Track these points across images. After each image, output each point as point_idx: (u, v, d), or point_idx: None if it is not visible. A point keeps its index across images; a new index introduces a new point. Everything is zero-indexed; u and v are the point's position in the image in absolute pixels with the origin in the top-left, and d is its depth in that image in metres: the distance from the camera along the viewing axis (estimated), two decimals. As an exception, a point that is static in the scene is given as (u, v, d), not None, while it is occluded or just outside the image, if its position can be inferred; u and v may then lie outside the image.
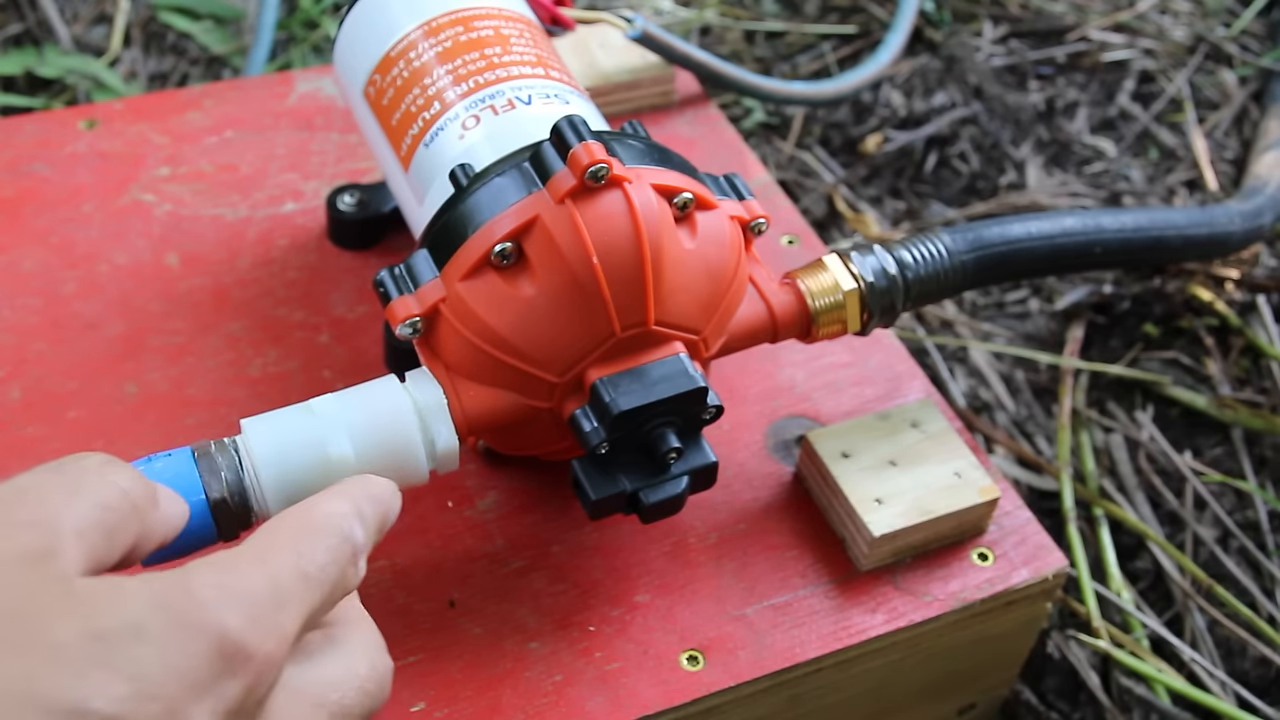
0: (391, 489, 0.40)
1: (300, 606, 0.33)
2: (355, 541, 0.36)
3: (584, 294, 0.43)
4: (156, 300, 0.58)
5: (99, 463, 0.35)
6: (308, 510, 0.37)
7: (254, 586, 0.32)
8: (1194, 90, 0.94)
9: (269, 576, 0.33)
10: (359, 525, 0.37)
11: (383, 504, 0.39)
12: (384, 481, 0.40)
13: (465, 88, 0.50)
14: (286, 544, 0.35)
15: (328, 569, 0.35)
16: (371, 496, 0.39)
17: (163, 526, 0.37)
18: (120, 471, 0.35)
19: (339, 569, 0.35)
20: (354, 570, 0.36)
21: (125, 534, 0.34)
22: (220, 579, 0.32)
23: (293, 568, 0.34)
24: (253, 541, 0.35)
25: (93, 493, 0.34)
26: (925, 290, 0.53)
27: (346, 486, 0.39)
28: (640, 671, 0.48)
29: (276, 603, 0.33)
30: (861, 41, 0.96)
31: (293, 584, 0.33)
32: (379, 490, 0.40)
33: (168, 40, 0.92)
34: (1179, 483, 0.71)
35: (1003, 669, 0.58)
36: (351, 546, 0.36)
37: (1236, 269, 0.79)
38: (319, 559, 0.35)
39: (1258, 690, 0.63)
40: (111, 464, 0.35)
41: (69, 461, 0.35)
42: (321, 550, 0.35)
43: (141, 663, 0.29)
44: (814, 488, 0.53)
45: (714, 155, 0.68)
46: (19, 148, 0.64)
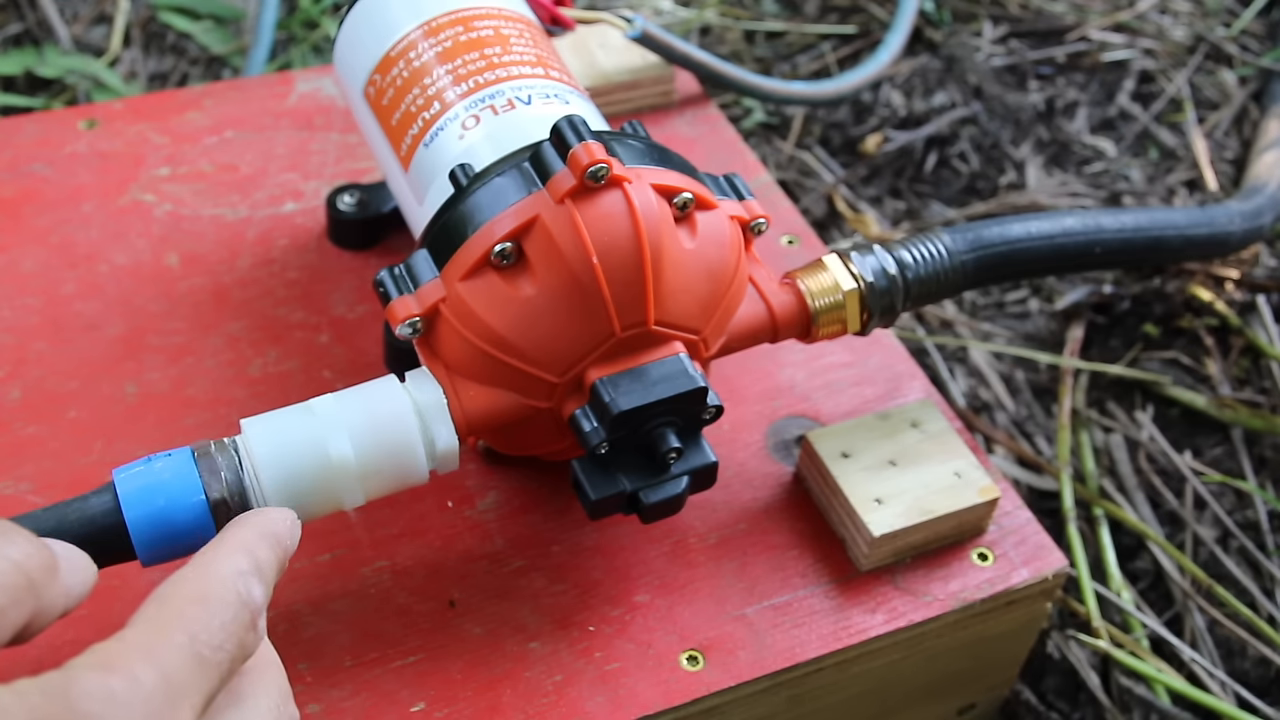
0: (290, 520, 0.38)
1: (196, 696, 0.31)
2: (253, 604, 0.34)
3: (584, 294, 0.43)
4: (156, 300, 0.58)
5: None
6: (200, 576, 0.33)
7: (141, 689, 0.29)
8: (1194, 90, 0.94)
9: (159, 673, 0.30)
10: (257, 582, 0.34)
11: (281, 541, 0.37)
12: (280, 514, 0.38)
13: (465, 88, 0.50)
14: (178, 625, 0.31)
15: (224, 647, 0.32)
16: (268, 536, 0.36)
17: (62, 599, 0.33)
18: (14, 542, 0.32)
19: (237, 642, 0.33)
20: (254, 636, 0.34)
21: (17, 612, 0.31)
22: (104, 685, 0.29)
23: (186, 655, 0.31)
24: (140, 624, 0.31)
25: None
26: (925, 290, 0.53)
27: (241, 531, 0.36)
28: (640, 671, 0.48)
29: (169, 702, 0.30)
30: (861, 41, 0.96)
31: (187, 674, 0.31)
32: (276, 527, 0.37)
33: (168, 40, 0.92)
34: (1179, 483, 0.71)
35: (1003, 669, 0.58)
36: (250, 611, 0.33)
37: (1236, 269, 0.79)
38: (215, 638, 0.32)
39: (1258, 690, 0.63)
40: (5, 533, 0.32)
41: None
42: (217, 626, 0.32)
43: None
44: (814, 488, 0.53)
45: (714, 155, 0.68)
46: (19, 148, 0.64)
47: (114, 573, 0.41)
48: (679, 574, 0.51)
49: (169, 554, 0.41)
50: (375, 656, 0.47)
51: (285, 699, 0.35)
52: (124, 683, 0.29)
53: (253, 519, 0.37)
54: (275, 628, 0.40)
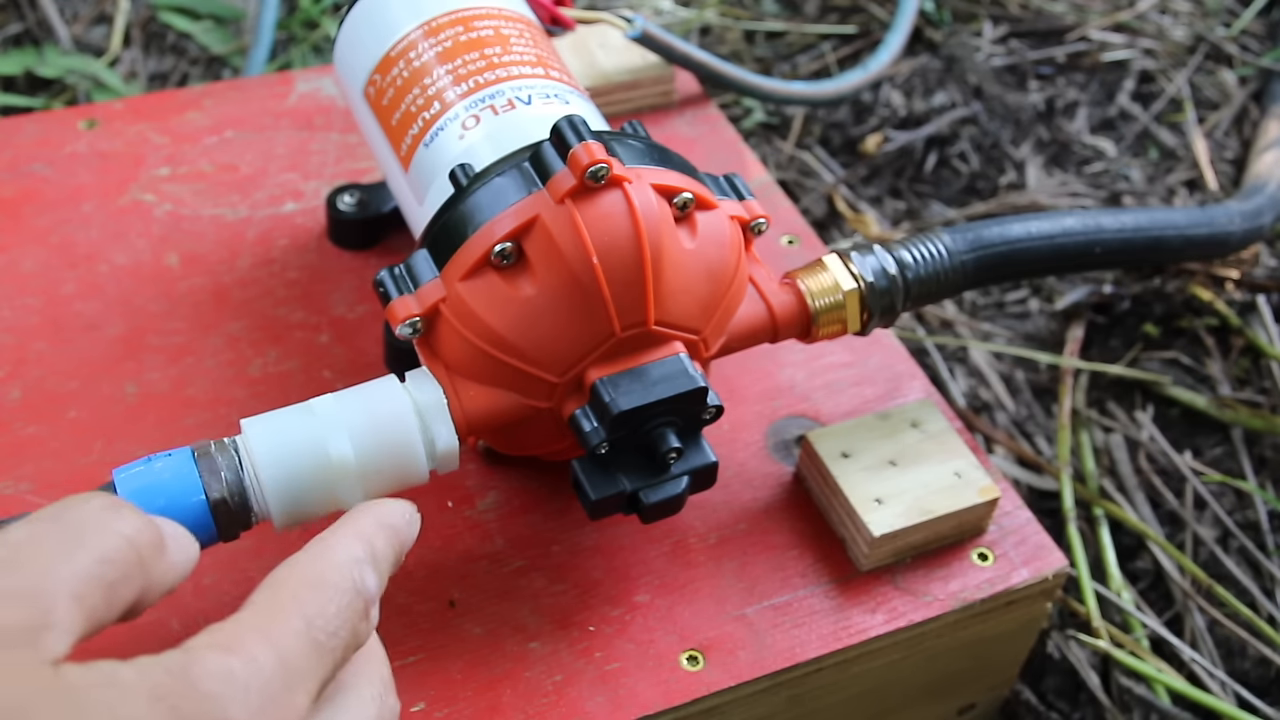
0: (409, 513, 0.38)
1: (311, 681, 0.31)
2: (368, 593, 0.34)
3: (584, 294, 0.43)
4: (156, 300, 0.58)
5: (100, 508, 0.32)
6: (316, 561, 0.34)
7: (260, 671, 0.30)
8: (1194, 90, 0.94)
9: (277, 655, 0.30)
10: (371, 571, 0.34)
11: (399, 534, 0.37)
12: (400, 505, 0.38)
13: (465, 88, 0.50)
14: (294, 609, 0.32)
15: (339, 634, 0.32)
16: (387, 527, 0.36)
17: (170, 575, 0.34)
18: (124, 517, 0.32)
19: (351, 629, 0.33)
20: (366, 625, 0.34)
21: (128, 589, 0.31)
22: (224, 665, 0.29)
23: (302, 639, 0.31)
24: (257, 606, 0.32)
25: (94, 546, 0.30)
26: (925, 290, 0.53)
27: (360, 520, 0.36)
28: (640, 671, 0.48)
29: (288, 686, 0.30)
30: (861, 41, 0.96)
31: (303, 659, 0.31)
32: (395, 518, 0.37)
33: (168, 40, 0.92)
34: (1179, 483, 0.71)
35: (1003, 669, 0.58)
36: (364, 600, 0.34)
37: (1236, 269, 0.79)
38: (330, 624, 0.32)
39: (1258, 690, 0.63)
40: (115, 509, 0.32)
41: (68, 508, 0.32)
42: (333, 612, 0.32)
43: None
44: (814, 488, 0.53)
45: (714, 155, 0.68)
46: (19, 148, 0.64)
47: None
48: (679, 574, 0.51)
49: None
50: (375, 656, 0.47)
51: (387, 689, 0.35)
52: (243, 663, 0.29)
53: (372, 508, 0.37)
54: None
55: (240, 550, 0.48)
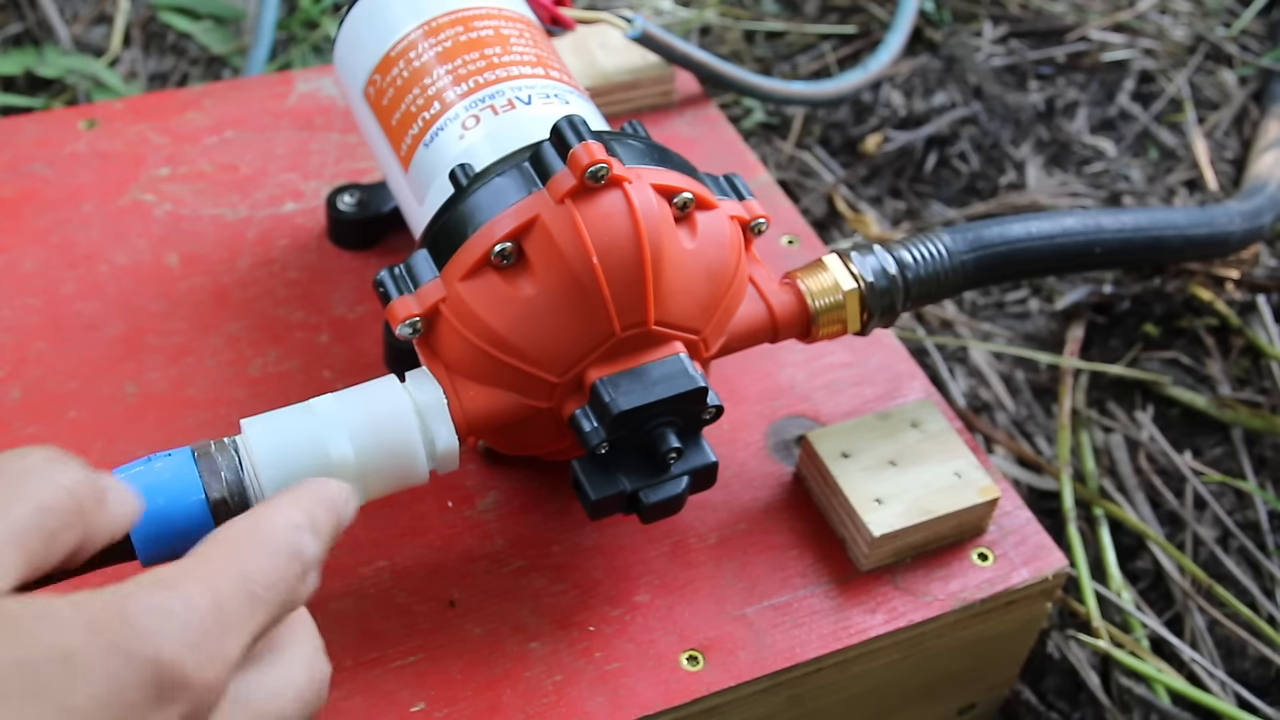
0: (346, 492, 0.39)
1: (244, 629, 0.32)
2: (305, 556, 0.35)
3: (584, 294, 0.43)
4: (156, 300, 0.58)
5: (42, 459, 0.33)
6: (257, 521, 0.35)
7: (195, 610, 0.31)
8: (1194, 90, 0.94)
9: (213, 599, 0.31)
10: (311, 537, 0.35)
11: (336, 509, 0.38)
12: (337, 484, 0.39)
13: (465, 88, 0.50)
14: (232, 561, 0.33)
15: (275, 588, 0.33)
16: (325, 501, 0.37)
17: (109, 527, 0.35)
18: (65, 469, 0.33)
19: (287, 587, 0.34)
20: (303, 586, 0.35)
21: (67, 537, 0.33)
22: (159, 602, 0.30)
23: (238, 588, 0.32)
24: (197, 555, 0.33)
25: (34, 495, 0.32)
26: (925, 290, 0.53)
27: (299, 493, 0.37)
28: (640, 671, 0.48)
29: (219, 627, 0.31)
30: (861, 41, 0.96)
31: (237, 606, 0.32)
32: (333, 494, 0.38)
33: (168, 40, 0.92)
34: (1179, 483, 0.71)
35: (1003, 669, 0.58)
36: (301, 563, 0.35)
37: (1236, 269, 0.79)
38: (267, 578, 0.33)
39: (1258, 690, 0.63)
40: (56, 461, 0.33)
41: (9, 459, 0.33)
42: (269, 568, 0.33)
43: (69, 693, 0.28)
44: (814, 488, 0.53)
45: (714, 155, 0.68)
46: (19, 148, 0.64)
47: (113, 573, 0.41)
48: (679, 574, 0.51)
49: (169, 554, 0.41)
50: (375, 656, 0.47)
51: (318, 653, 0.36)
52: (180, 601, 0.30)
53: (309, 484, 0.38)
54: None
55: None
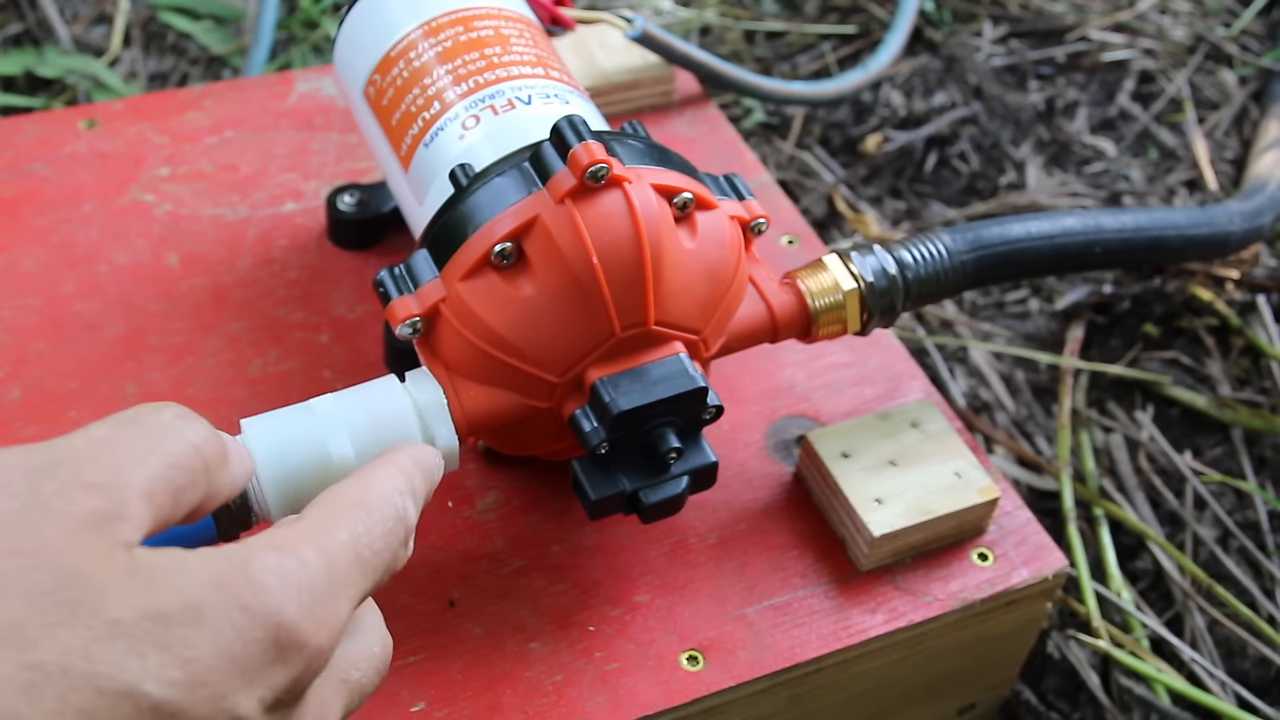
0: (438, 457, 0.41)
1: (354, 592, 0.33)
2: (408, 522, 0.36)
3: (584, 294, 0.43)
4: (156, 300, 0.58)
5: (174, 416, 0.34)
6: (365, 486, 0.36)
7: (313, 573, 0.32)
8: (1194, 90, 0.94)
9: (327, 562, 0.32)
10: (412, 503, 0.37)
11: (430, 475, 0.39)
12: (432, 451, 0.41)
13: (465, 88, 0.50)
14: (344, 524, 0.34)
15: (382, 554, 0.35)
16: (423, 467, 0.39)
17: (230, 485, 0.36)
18: (194, 426, 0.34)
19: (391, 552, 0.35)
20: (404, 551, 0.36)
21: (193, 493, 0.33)
22: (280, 562, 0.31)
23: (349, 552, 0.34)
24: (308, 518, 0.34)
25: (166, 450, 0.33)
26: (925, 290, 0.53)
27: (399, 457, 0.39)
28: (640, 671, 0.48)
29: (332, 591, 0.32)
30: (861, 41, 0.96)
31: (348, 569, 0.33)
32: (429, 460, 0.40)
33: (168, 40, 0.92)
34: (1179, 483, 0.71)
35: (1003, 669, 0.58)
36: (405, 528, 0.36)
37: (1236, 269, 0.79)
38: (376, 543, 0.35)
39: (1258, 690, 0.63)
40: (186, 418, 0.34)
41: (144, 414, 0.34)
42: (379, 533, 0.35)
43: (197, 646, 0.29)
44: (814, 488, 0.53)
45: (714, 155, 0.68)
46: (19, 148, 0.64)
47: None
48: (679, 574, 0.51)
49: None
50: (375, 656, 0.47)
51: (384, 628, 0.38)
52: (295, 563, 0.32)
53: (409, 448, 0.40)
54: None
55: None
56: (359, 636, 0.36)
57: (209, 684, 0.29)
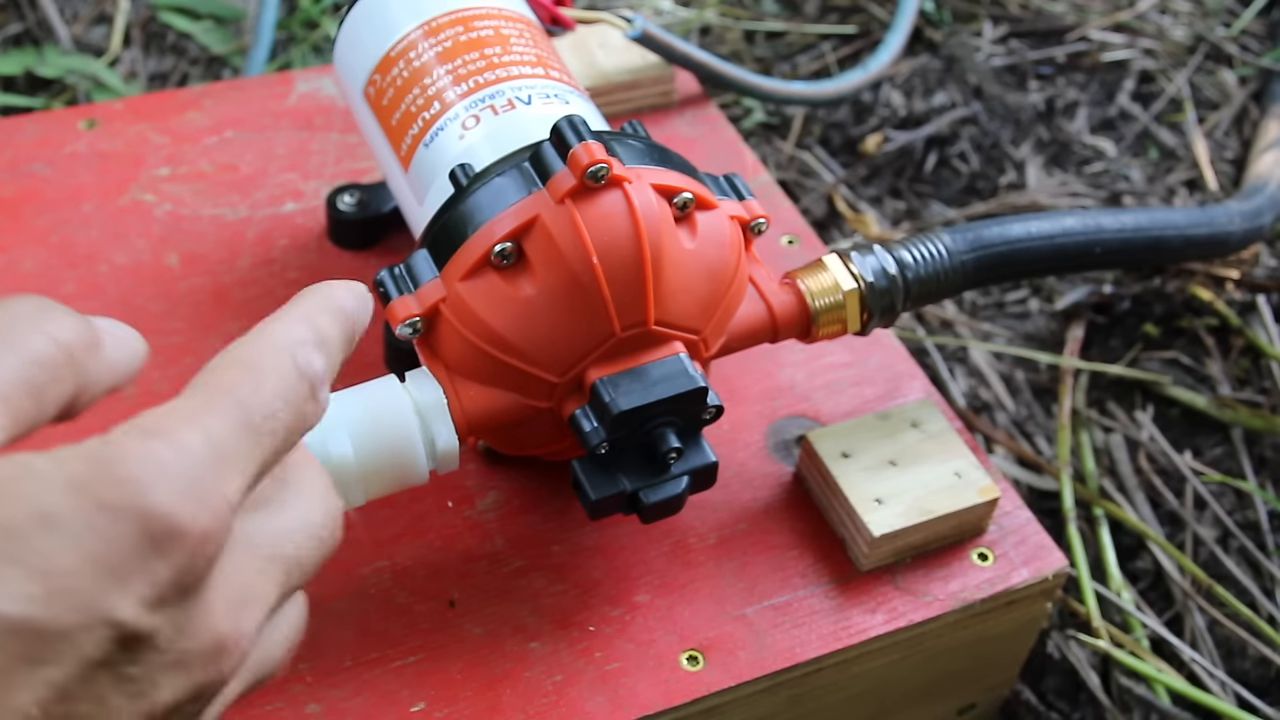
0: (359, 291, 0.36)
1: (245, 465, 0.30)
2: (312, 373, 0.33)
3: (584, 294, 0.43)
4: (156, 300, 0.58)
5: (31, 309, 0.31)
6: (253, 344, 0.33)
7: (188, 453, 0.29)
8: (1194, 90, 0.94)
9: (206, 438, 0.29)
10: (316, 352, 0.33)
11: (347, 314, 0.35)
12: (349, 286, 0.36)
13: (465, 88, 0.50)
14: (227, 392, 0.31)
15: (278, 415, 0.31)
16: (334, 309, 0.35)
17: (108, 375, 0.32)
18: (55, 318, 0.31)
19: (292, 411, 0.32)
20: (313, 406, 0.33)
21: (59, 389, 0.31)
22: (147, 449, 0.28)
23: (236, 421, 0.30)
24: (190, 390, 0.31)
25: (20, 348, 0.30)
26: (925, 290, 0.53)
27: (303, 302, 0.35)
28: (640, 671, 0.48)
29: (215, 468, 0.29)
30: (861, 41, 0.96)
31: (235, 442, 0.30)
32: (342, 298, 0.36)
33: (168, 40, 0.92)
34: (1179, 483, 0.71)
35: (1003, 669, 0.58)
36: (308, 381, 0.32)
37: (1236, 269, 0.79)
38: (267, 405, 0.31)
39: (1258, 690, 0.63)
40: (46, 310, 0.31)
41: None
42: (269, 394, 0.31)
43: (52, 555, 0.26)
44: (814, 488, 0.53)
45: (714, 155, 0.68)
46: (19, 148, 0.64)
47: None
48: (679, 574, 0.51)
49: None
50: (375, 656, 0.47)
51: (330, 490, 0.35)
52: (168, 448, 0.29)
53: (317, 290, 0.36)
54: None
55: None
56: (291, 505, 0.33)
57: (74, 592, 0.26)
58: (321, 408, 0.33)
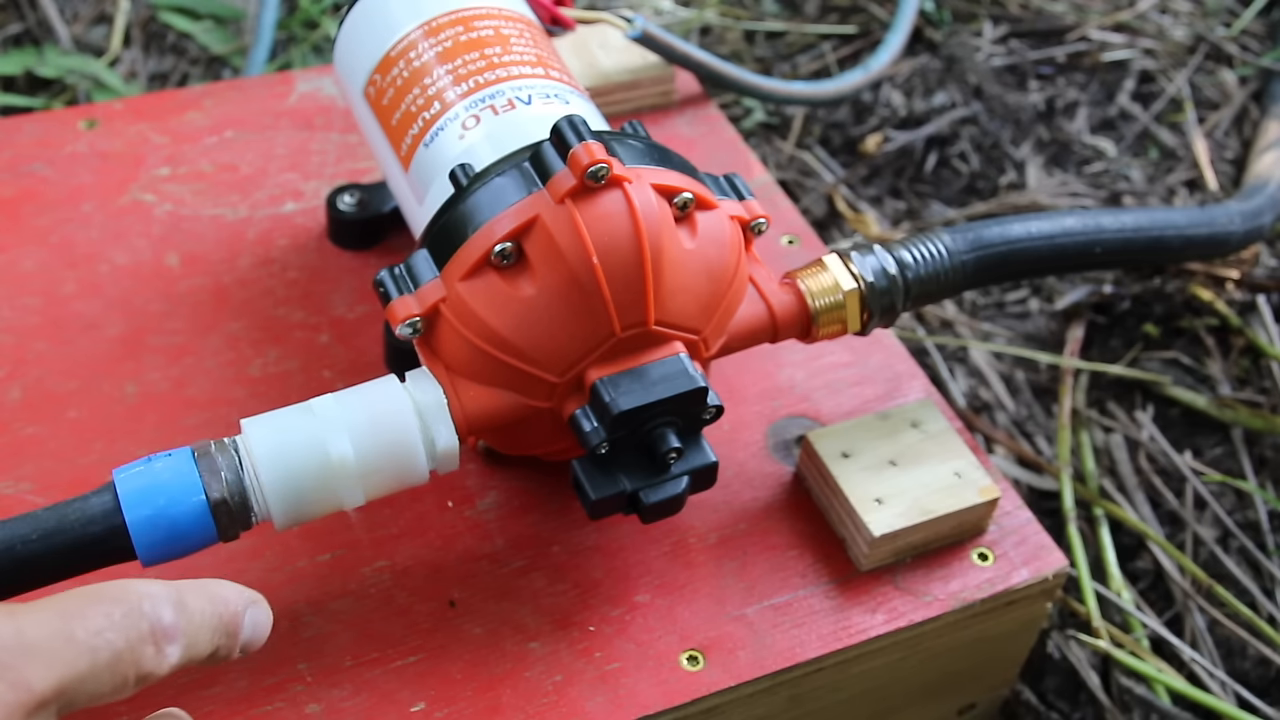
0: (248, 599, 0.38)
1: (53, 662, 0.31)
2: (156, 618, 0.34)
3: (584, 294, 0.43)
4: (156, 300, 0.58)
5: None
6: (107, 584, 0.34)
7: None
8: (1194, 90, 0.94)
9: (16, 628, 0.31)
10: (169, 609, 0.35)
11: (225, 605, 0.37)
12: (237, 590, 0.38)
13: (465, 88, 0.50)
14: (56, 605, 0.33)
15: (103, 634, 0.33)
16: (211, 596, 0.37)
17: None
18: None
19: (123, 640, 0.33)
20: (154, 652, 0.34)
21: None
22: None
23: (53, 626, 0.32)
24: (22, 604, 0.33)
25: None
26: (925, 290, 0.53)
27: (181, 582, 0.36)
28: (640, 671, 0.48)
29: (18, 651, 0.31)
30: (861, 41, 0.96)
31: (47, 639, 0.32)
32: (224, 593, 0.37)
33: (168, 40, 0.92)
34: (1179, 483, 0.71)
35: (1003, 669, 0.58)
36: (149, 624, 0.34)
37: (1236, 269, 0.79)
38: (93, 624, 0.33)
39: (1258, 690, 0.63)
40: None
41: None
42: (99, 615, 0.33)
43: None
44: (814, 488, 0.53)
45: (714, 155, 0.68)
46: (19, 148, 0.64)
47: (114, 573, 0.41)
48: (679, 574, 0.51)
49: (169, 554, 0.41)
50: (375, 656, 0.47)
51: None
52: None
53: (206, 581, 0.37)
54: (276, 627, 0.40)
55: (240, 550, 0.48)
56: None
57: None
58: (166, 661, 0.34)
